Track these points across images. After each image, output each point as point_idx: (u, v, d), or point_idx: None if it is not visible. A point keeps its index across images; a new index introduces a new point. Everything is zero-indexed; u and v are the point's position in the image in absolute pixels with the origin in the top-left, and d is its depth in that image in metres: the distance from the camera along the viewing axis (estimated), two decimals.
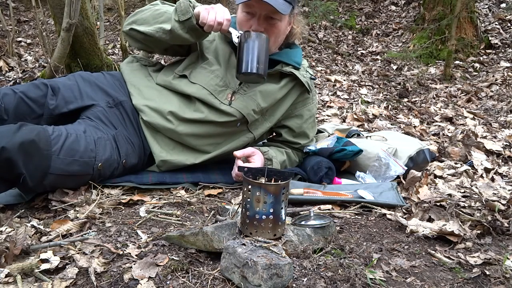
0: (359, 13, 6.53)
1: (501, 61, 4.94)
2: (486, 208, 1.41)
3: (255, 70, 1.43)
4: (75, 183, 1.41)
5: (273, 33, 1.59)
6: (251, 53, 1.44)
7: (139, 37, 1.61)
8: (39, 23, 3.90)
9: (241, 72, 1.44)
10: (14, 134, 1.22)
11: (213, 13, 1.47)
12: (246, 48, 1.44)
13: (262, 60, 1.45)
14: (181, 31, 1.51)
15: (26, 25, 5.55)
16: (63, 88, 1.56)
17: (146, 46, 1.68)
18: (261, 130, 1.72)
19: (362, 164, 1.84)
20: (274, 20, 1.56)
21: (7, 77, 3.66)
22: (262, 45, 1.46)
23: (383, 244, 1.19)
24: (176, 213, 1.31)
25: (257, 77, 1.48)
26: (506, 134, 2.73)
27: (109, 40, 5.33)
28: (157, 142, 1.61)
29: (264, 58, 1.46)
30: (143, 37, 1.60)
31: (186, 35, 1.52)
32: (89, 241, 1.09)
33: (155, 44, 1.63)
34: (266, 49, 1.47)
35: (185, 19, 1.48)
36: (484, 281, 1.01)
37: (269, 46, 1.50)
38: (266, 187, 1.06)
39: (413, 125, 3.07)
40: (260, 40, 1.46)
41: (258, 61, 1.44)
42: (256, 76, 1.46)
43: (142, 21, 1.60)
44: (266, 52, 1.48)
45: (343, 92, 4.03)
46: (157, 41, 1.58)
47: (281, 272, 0.88)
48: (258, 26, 1.55)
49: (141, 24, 1.59)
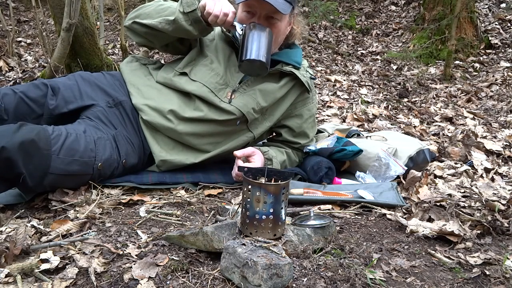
0: (359, 13, 6.53)
1: (501, 61, 4.94)
2: (486, 208, 1.41)
3: (260, 58, 1.40)
4: (75, 183, 1.41)
5: (273, 33, 1.59)
6: (256, 41, 1.42)
7: (141, 31, 1.61)
8: (39, 23, 3.90)
9: (246, 59, 1.40)
10: (14, 134, 1.22)
11: (219, 4, 1.48)
12: (251, 36, 1.42)
13: (266, 50, 1.43)
14: (184, 22, 1.51)
15: (26, 25, 5.55)
16: (63, 88, 1.56)
17: (147, 41, 1.66)
18: (261, 129, 1.72)
19: (362, 164, 1.84)
20: (274, 20, 1.57)
21: (7, 77, 3.66)
22: (267, 36, 1.45)
23: (383, 244, 1.19)
24: (176, 213, 1.31)
25: (260, 66, 1.43)
26: (506, 134, 2.73)
27: (109, 40, 5.33)
28: (157, 141, 1.61)
29: (267, 49, 1.43)
30: (145, 30, 1.59)
31: (189, 27, 1.52)
32: (89, 241, 1.09)
33: (157, 38, 1.62)
34: (270, 41, 1.46)
35: (190, 10, 1.49)
36: (484, 281, 1.01)
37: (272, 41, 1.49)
38: (266, 187, 1.06)
39: (413, 125, 3.07)
40: (265, 32, 1.45)
41: (263, 50, 1.41)
42: (259, 65, 1.42)
43: (145, 16, 1.60)
44: (270, 45, 1.46)
45: (343, 92, 4.03)
46: (159, 33, 1.58)
47: (281, 272, 0.88)
48: None
49: (144, 19, 1.59)
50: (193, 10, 1.49)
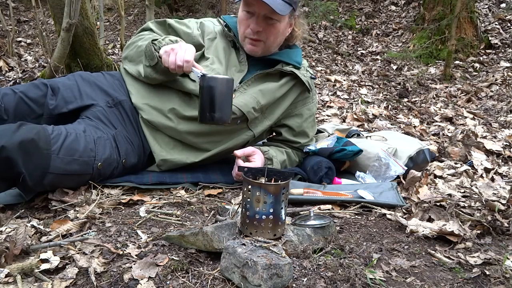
0: (359, 13, 6.53)
1: (501, 61, 4.94)
2: (486, 208, 1.41)
3: (212, 119, 1.39)
4: (75, 183, 1.41)
5: (271, 33, 1.60)
6: (208, 101, 1.39)
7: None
8: (39, 23, 3.90)
9: (200, 121, 1.43)
10: (14, 133, 1.22)
11: (173, 56, 1.44)
12: (204, 94, 1.39)
13: (219, 107, 1.39)
14: (155, 75, 1.55)
15: (26, 25, 5.55)
16: (62, 88, 1.56)
17: None
18: (261, 128, 1.72)
19: (362, 164, 1.84)
20: (273, 21, 1.57)
21: (7, 77, 3.66)
22: (220, 90, 1.39)
23: (383, 244, 1.19)
24: (176, 213, 1.31)
25: (217, 124, 1.46)
26: (506, 134, 2.73)
27: (109, 40, 5.33)
28: (157, 141, 1.61)
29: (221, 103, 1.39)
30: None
31: (161, 77, 1.56)
32: (89, 241, 1.09)
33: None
34: (225, 92, 1.40)
35: (154, 64, 1.51)
36: (484, 281, 1.01)
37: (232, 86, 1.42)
38: (266, 187, 1.06)
39: (413, 125, 3.07)
40: (218, 85, 1.38)
41: (215, 109, 1.38)
42: (215, 124, 1.45)
43: (130, 58, 1.67)
44: (225, 96, 1.40)
45: (343, 92, 4.03)
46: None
47: (281, 272, 0.88)
48: (256, 26, 1.57)
49: (130, 61, 1.67)
50: (156, 63, 1.50)
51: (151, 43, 1.51)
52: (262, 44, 1.63)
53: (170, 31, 1.74)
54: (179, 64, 1.43)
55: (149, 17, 3.67)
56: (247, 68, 1.69)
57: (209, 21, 1.79)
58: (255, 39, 1.62)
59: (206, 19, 1.82)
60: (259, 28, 1.58)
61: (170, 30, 1.74)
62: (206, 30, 1.74)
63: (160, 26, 1.75)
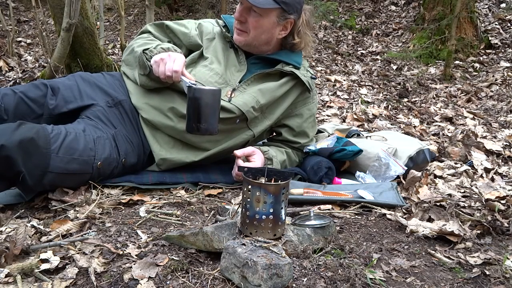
0: (359, 13, 6.53)
1: (501, 61, 4.94)
2: (486, 208, 1.41)
3: (198, 130, 1.39)
4: (74, 182, 1.41)
5: (253, 26, 1.62)
6: (194, 112, 1.38)
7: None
8: (39, 23, 3.90)
9: (187, 131, 1.42)
10: (13, 132, 1.22)
11: (162, 66, 1.47)
12: (190, 105, 1.39)
13: (205, 118, 1.38)
14: (149, 83, 1.59)
15: (26, 25, 5.55)
16: (62, 88, 1.56)
17: None
18: (261, 128, 1.72)
19: (362, 164, 1.84)
20: (255, 14, 1.59)
21: (7, 77, 3.66)
22: (206, 101, 1.38)
23: (383, 244, 1.19)
24: (176, 213, 1.31)
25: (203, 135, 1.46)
26: (506, 134, 2.73)
27: (109, 40, 5.33)
28: (157, 140, 1.61)
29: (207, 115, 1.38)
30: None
31: (155, 84, 1.59)
32: (89, 241, 1.09)
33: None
34: (211, 104, 1.39)
35: (147, 73, 1.54)
36: (484, 281, 1.01)
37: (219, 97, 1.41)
38: (266, 187, 1.06)
39: (413, 125, 3.07)
40: (204, 96, 1.37)
41: (201, 120, 1.38)
42: (201, 134, 1.44)
43: (127, 62, 1.70)
44: (212, 107, 1.39)
45: (343, 92, 4.03)
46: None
47: (281, 272, 0.88)
48: (238, 14, 1.62)
49: (127, 65, 1.69)
50: (149, 72, 1.54)
51: (142, 53, 1.54)
52: (246, 35, 1.65)
53: (168, 33, 1.77)
54: (168, 74, 1.46)
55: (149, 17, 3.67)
56: (247, 68, 1.69)
57: (208, 22, 1.80)
58: (239, 29, 1.65)
59: (206, 20, 1.83)
60: (241, 18, 1.61)
61: (168, 32, 1.77)
62: (204, 30, 1.75)
63: (158, 28, 1.78)
